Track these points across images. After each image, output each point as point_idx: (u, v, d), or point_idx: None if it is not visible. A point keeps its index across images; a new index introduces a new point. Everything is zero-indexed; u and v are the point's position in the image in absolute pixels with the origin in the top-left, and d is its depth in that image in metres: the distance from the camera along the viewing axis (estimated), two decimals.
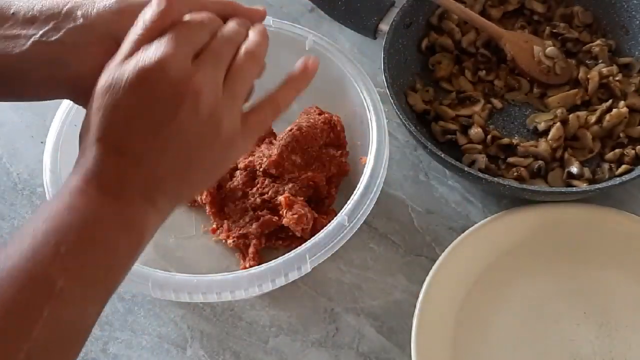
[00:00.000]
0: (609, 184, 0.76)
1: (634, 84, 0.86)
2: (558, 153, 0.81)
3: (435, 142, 0.82)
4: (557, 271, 0.76)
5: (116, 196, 0.48)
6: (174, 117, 0.48)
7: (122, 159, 0.48)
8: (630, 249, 0.76)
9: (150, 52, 0.49)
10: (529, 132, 0.85)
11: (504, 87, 0.88)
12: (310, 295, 0.76)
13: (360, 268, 0.77)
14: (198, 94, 0.49)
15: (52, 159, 0.75)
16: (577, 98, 0.85)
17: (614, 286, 0.75)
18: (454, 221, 0.80)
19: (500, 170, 0.81)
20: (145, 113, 0.48)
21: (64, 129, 0.76)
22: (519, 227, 0.77)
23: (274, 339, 0.74)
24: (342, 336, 0.74)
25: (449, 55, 0.90)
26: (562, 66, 0.87)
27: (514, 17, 0.93)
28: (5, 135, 0.89)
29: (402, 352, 0.72)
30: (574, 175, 0.79)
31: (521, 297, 0.75)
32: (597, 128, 0.82)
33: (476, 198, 0.82)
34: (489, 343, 0.73)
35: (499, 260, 0.76)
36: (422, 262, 0.77)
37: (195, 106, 0.49)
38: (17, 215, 0.83)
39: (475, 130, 0.83)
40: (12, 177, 0.86)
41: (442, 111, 0.85)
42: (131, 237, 0.49)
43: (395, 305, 0.75)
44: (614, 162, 0.81)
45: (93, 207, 0.47)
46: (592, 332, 0.73)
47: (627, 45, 0.90)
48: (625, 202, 0.80)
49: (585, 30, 0.91)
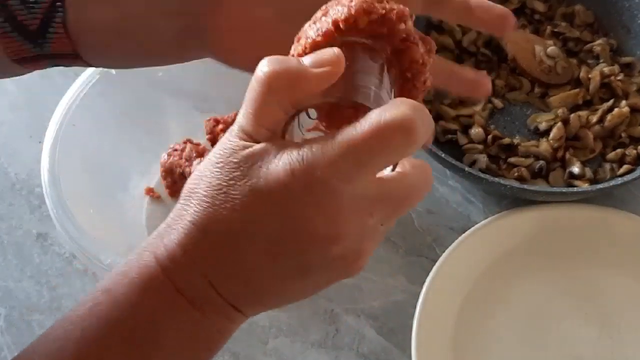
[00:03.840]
0: (610, 184, 0.76)
1: (635, 84, 0.85)
2: (559, 153, 0.81)
3: (435, 142, 0.81)
4: (558, 271, 0.76)
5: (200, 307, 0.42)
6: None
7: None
8: (632, 249, 0.76)
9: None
10: (530, 132, 0.85)
11: (505, 87, 0.88)
12: (310, 297, 0.75)
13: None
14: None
15: (50, 159, 0.74)
16: (578, 98, 0.85)
17: (616, 287, 0.75)
18: (455, 221, 0.80)
19: (501, 170, 0.81)
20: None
21: (62, 129, 0.76)
22: (520, 228, 0.77)
23: (273, 340, 0.74)
24: (342, 337, 0.73)
25: (449, 55, 0.89)
26: (563, 66, 0.87)
27: (515, 16, 0.92)
28: (3, 135, 0.89)
29: (402, 353, 0.72)
30: (575, 175, 0.79)
31: (522, 298, 0.75)
32: (599, 128, 0.82)
33: (477, 198, 0.82)
34: (490, 344, 0.72)
35: (499, 261, 0.76)
36: (423, 262, 0.77)
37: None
38: (15, 216, 0.83)
39: (476, 130, 0.82)
40: (10, 177, 0.86)
41: (442, 111, 0.84)
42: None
43: (395, 306, 0.75)
44: (615, 162, 0.80)
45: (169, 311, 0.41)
46: (594, 333, 0.73)
47: (629, 45, 0.89)
48: (627, 202, 0.80)
49: (587, 30, 0.91)
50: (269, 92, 0.39)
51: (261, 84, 0.39)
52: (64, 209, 0.70)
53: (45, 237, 0.81)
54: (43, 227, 0.82)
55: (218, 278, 0.41)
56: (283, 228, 0.39)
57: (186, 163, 0.78)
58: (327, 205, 0.38)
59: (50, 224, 0.73)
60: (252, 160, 0.39)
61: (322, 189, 0.38)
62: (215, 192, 0.40)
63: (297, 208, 0.39)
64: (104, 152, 0.79)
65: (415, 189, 0.42)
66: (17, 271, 0.79)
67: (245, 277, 0.41)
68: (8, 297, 0.78)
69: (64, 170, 0.73)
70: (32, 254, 0.80)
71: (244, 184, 0.39)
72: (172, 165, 0.79)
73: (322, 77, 0.40)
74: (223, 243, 0.40)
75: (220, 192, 0.40)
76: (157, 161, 0.82)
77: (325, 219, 0.39)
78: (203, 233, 0.40)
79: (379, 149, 0.38)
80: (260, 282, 0.41)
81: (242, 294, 0.42)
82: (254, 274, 0.41)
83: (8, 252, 0.81)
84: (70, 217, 0.70)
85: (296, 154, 0.38)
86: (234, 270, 0.41)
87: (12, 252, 0.81)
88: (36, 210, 0.83)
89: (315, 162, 0.38)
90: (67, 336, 0.41)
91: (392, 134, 0.38)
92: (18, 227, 0.82)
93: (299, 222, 0.39)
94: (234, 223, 0.40)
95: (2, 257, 0.80)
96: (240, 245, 0.40)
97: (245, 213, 0.39)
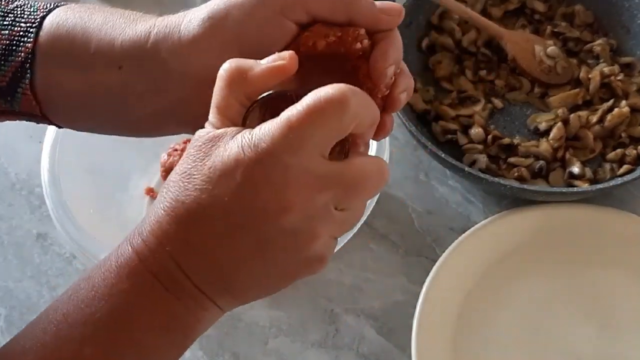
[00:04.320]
0: (610, 184, 0.76)
1: (635, 84, 0.85)
2: (559, 153, 0.81)
3: (435, 142, 0.81)
4: (558, 271, 0.76)
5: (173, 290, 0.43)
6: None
7: (189, 247, 0.43)
8: (632, 249, 0.76)
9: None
10: (530, 132, 0.85)
11: (505, 87, 0.88)
12: (310, 296, 0.76)
13: (360, 269, 0.77)
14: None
15: (50, 159, 0.74)
16: (578, 98, 0.85)
17: (615, 286, 0.75)
18: (455, 221, 0.80)
19: (501, 170, 0.81)
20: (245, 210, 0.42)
21: (62, 129, 0.76)
22: (519, 228, 0.77)
23: (273, 339, 0.74)
24: (342, 337, 0.73)
25: (449, 55, 0.89)
26: (563, 66, 0.87)
27: (515, 17, 0.93)
28: (3, 135, 0.89)
29: (402, 353, 0.72)
30: (575, 175, 0.79)
31: (522, 298, 0.75)
32: (599, 128, 0.82)
33: (477, 198, 0.81)
34: (490, 344, 0.72)
35: (499, 261, 0.76)
36: (423, 262, 0.77)
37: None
38: (15, 216, 0.83)
39: (475, 130, 0.82)
40: (10, 177, 0.86)
41: (442, 111, 0.84)
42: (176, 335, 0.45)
43: (395, 306, 0.75)
44: (615, 162, 0.80)
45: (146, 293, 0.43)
46: (593, 332, 0.73)
47: (629, 45, 0.89)
48: (627, 202, 0.80)
49: (587, 30, 0.91)
50: (225, 86, 0.44)
51: (220, 79, 0.44)
52: (64, 209, 0.70)
53: (45, 237, 0.81)
54: (43, 227, 0.82)
55: (184, 259, 0.43)
56: (238, 203, 0.41)
57: None
58: (274, 177, 0.41)
59: (51, 224, 0.73)
60: (212, 142, 0.42)
61: (270, 161, 0.41)
62: (182, 177, 0.43)
63: (249, 182, 0.41)
64: (104, 152, 0.79)
65: (366, 177, 0.44)
66: (18, 271, 0.79)
67: (208, 258, 0.43)
68: (8, 297, 0.78)
69: (64, 171, 0.73)
70: (33, 254, 0.80)
71: (203, 164, 0.42)
72: (172, 165, 0.79)
73: (271, 71, 0.44)
74: (187, 224, 0.42)
75: (185, 176, 0.42)
76: (157, 161, 0.82)
77: (273, 190, 0.41)
78: (171, 217, 0.42)
79: (319, 122, 0.41)
80: (222, 263, 0.43)
81: (208, 277, 0.43)
82: (215, 253, 0.43)
83: (8, 252, 0.81)
84: (70, 217, 0.70)
85: (247, 133, 0.42)
86: (198, 250, 0.43)
87: (12, 252, 0.81)
88: (36, 210, 0.83)
89: (262, 137, 0.41)
90: (49, 319, 0.44)
91: (327, 106, 0.41)
92: (18, 227, 0.82)
93: (250, 196, 0.41)
94: (195, 203, 0.42)
95: (2, 257, 0.80)
96: (201, 224, 0.42)
97: (204, 192, 0.42)
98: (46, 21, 0.51)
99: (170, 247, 0.43)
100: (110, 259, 0.44)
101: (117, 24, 0.50)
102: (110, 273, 0.43)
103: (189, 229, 0.42)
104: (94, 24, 0.51)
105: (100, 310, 0.43)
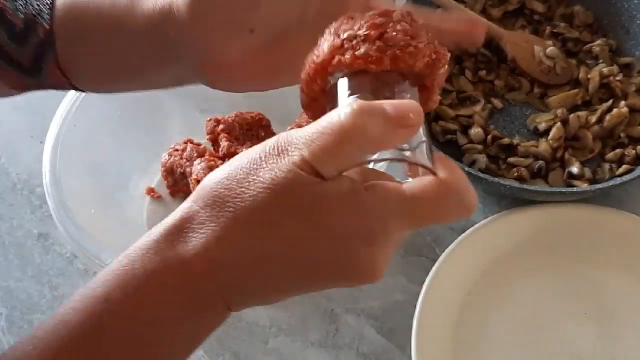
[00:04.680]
0: (609, 184, 0.76)
1: (634, 84, 0.85)
2: (558, 153, 0.81)
3: (435, 142, 0.82)
4: (558, 271, 0.76)
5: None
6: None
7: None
8: (631, 249, 0.76)
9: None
10: (529, 132, 0.85)
11: (505, 87, 0.88)
12: (310, 296, 0.76)
13: None
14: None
15: (52, 159, 0.74)
16: (577, 98, 0.85)
17: (615, 286, 0.75)
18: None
19: (501, 170, 0.81)
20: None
21: (64, 129, 0.76)
22: (519, 228, 0.77)
23: (273, 339, 0.74)
24: (342, 337, 0.74)
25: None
26: (562, 66, 0.87)
27: (515, 17, 0.93)
28: (4, 135, 0.89)
29: (402, 352, 0.72)
30: (574, 175, 0.79)
31: (521, 298, 0.75)
32: (598, 128, 0.82)
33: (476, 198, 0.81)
34: (489, 343, 0.72)
35: (499, 261, 0.76)
36: (423, 262, 0.77)
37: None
38: (16, 216, 0.83)
39: (475, 130, 0.83)
40: (11, 177, 0.86)
41: (442, 111, 0.84)
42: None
43: (395, 306, 0.75)
44: (614, 162, 0.80)
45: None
46: (593, 332, 0.73)
47: (628, 45, 0.89)
48: (626, 202, 0.80)
49: (586, 30, 0.91)
50: (349, 142, 0.39)
51: (344, 131, 0.39)
52: (65, 209, 0.70)
53: (46, 237, 0.81)
54: (44, 227, 0.82)
55: (234, 293, 0.41)
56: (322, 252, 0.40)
57: (187, 163, 0.78)
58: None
59: (51, 224, 0.73)
60: (319, 200, 0.39)
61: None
62: (258, 217, 0.39)
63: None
64: (105, 152, 0.79)
65: (446, 216, 0.43)
66: (18, 271, 0.79)
67: (267, 295, 0.42)
68: (9, 297, 0.78)
69: (65, 171, 0.73)
70: (33, 254, 0.80)
71: (303, 218, 0.39)
72: (172, 165, 0.79)
73: (401, 137, 0.41)
74: (254, 267, 0.40)
75: (264, 217, 0.39)
76: (157, 161, 0.82)
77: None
78: (232, 251, 0.40)
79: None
80: (278, 298, 0.43)
81: (251, 303, 0.43)
82: (278, 293, 0.42)
83: (9, 252, 0.81)
84: (71, 217, 0.70)
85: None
86: (258, 290, 0.42)
87: (13, 252, 0.81)
88: (37, 210, 0.83)
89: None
90: (65, 319, 0.41)
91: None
92: (19, 227, 0.82)
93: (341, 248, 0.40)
94: (271, 247, 0.40)
95: (3, 257, 0.80)
96: (273, 270, 0.40)
97: (290, 240, 0.39)
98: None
99: (222, 278, 0.40)
100: (137, 266, 0.41)
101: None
102: (139, 282, 0.41)
103: (257, 271, 0.40)
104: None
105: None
